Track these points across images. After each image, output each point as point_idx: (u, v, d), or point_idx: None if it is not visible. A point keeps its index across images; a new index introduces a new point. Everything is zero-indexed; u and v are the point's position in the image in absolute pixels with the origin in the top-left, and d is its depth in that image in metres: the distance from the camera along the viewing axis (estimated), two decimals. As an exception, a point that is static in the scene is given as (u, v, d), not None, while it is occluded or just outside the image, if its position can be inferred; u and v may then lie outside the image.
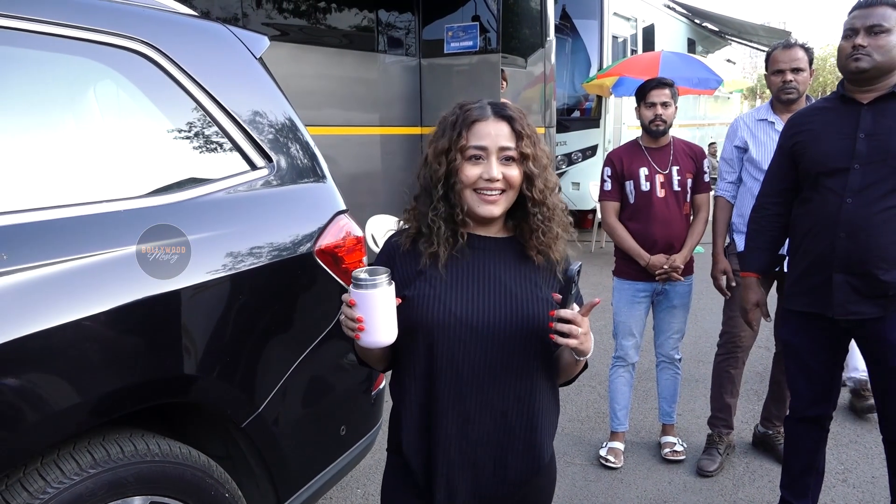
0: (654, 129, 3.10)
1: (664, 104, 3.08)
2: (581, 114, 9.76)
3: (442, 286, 1.41)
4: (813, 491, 2.55)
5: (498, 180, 1.38)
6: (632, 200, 3.15)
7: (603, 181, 3.22)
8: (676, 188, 3.12)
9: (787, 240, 2.52)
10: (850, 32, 2.21)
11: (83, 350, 1.49)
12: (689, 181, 3.16)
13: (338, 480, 2.22)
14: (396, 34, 6.35)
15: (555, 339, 1.30)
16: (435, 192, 1.41)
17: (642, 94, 3.13)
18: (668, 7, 12.12)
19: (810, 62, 2.97)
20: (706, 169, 3.21)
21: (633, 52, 10.15)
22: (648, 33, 10.69)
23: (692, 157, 3.19)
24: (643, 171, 3.12)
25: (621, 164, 3.16)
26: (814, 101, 2.91)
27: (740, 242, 3.07)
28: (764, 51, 14.55)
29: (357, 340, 1.32)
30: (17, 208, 1.45)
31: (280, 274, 1.92)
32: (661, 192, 3.11)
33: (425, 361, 1.42)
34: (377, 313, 1.29)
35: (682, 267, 3.11)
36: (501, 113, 1.42)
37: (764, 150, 3.02)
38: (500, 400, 1.42)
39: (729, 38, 15.52)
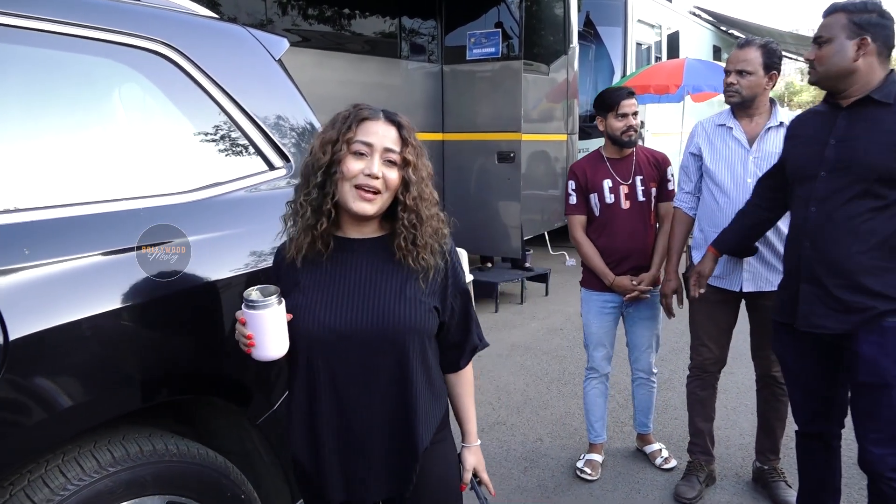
0: (625, 140, 3.05)
1: (634, 114, 3.04)
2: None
3: (312, 294, 1.48)
4: None
5: (378, 178, 1.43)
6: (597, 214, 3.11)
7: (568, 195, 3.17)
8: (641, 198, 3.08)
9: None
10: None
11: (103, 345, 1.51)
12: (654, 190, 3.11)
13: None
14: (419, 41, 6.38)
15: None
16: (313, 178, 1.45)
17: (612, 104, 3.05)
18: (694, 14, 12.04)
19: (769, 65, 2.71)
20: (670, 177, 3.14)
21: (658, 59, 10.09)
22: (673, 40, 10.62)
23: (655, 165, 3.13)
24: (607, 183, 3.08)
25: (585, 176, 3.11)
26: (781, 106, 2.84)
27: (698, 261, 2.90)
28: (792, 58, 14.38)
29: (249, 355, 1.42)
30: (41, 205, 1.48)
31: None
32: (625, 204, 3.07)
33: (305, 369, 1.48)
34: (266, 332, 1.38)
35: (651, 287, 3.08)
36: (392, 118, 1.48)
37: (719, 157, 2.82)
38: (375, 397, 1.48)
39: (755, 45, 15.34)
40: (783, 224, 2.57)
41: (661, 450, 3.36)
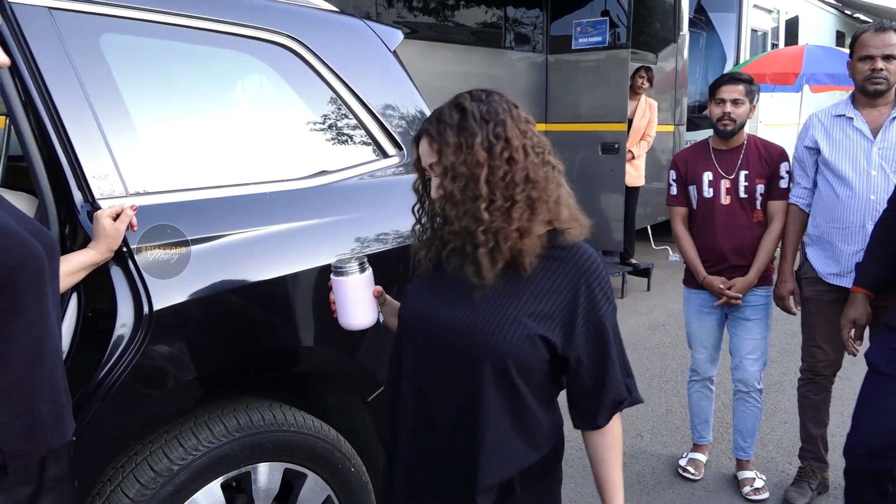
0: (720, 129, 2.84)
1: (735, 101, 2.80)
2: (714, 111, 9.32)
3: (423, 282, 1.40)
4: None
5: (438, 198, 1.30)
6: (694, 207, 2.96)
7: (669, 185, 3.03)
8: (743, 195, 2.85)
9: None
10: None
11: (229, 320, 1.64)
12: (761, 187, 2.85)
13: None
14: (524, 30, 6.36)
15: None
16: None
17: (712, 89, 2.89)
18: (815, -3, 11.35)
19: None
20: (784, 174, 2.84)
21: (774, 46, 9.59)
22: (792, 26, 10.06)
23: (767, 159, 2.86)
24: (707, 176, 2.90)
25: (685, 166, 2.96)
26: None
27: (814, 258, 2.78)
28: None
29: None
30: (181, 188, 1.61)
31: (404, 258, 1.99)
32: (725, 199, 2.86)
33: (396, 350, 1.41)
34: (346, 299, 1.44)
35: (742, 295, 2.86)
36: (427, 131, 1.30)
37: (839, 149, 2.66)
38: (446, 406, 1.32)
39: (884, 29, 14.30)
40: None
41: (754, 479, 3.06)
